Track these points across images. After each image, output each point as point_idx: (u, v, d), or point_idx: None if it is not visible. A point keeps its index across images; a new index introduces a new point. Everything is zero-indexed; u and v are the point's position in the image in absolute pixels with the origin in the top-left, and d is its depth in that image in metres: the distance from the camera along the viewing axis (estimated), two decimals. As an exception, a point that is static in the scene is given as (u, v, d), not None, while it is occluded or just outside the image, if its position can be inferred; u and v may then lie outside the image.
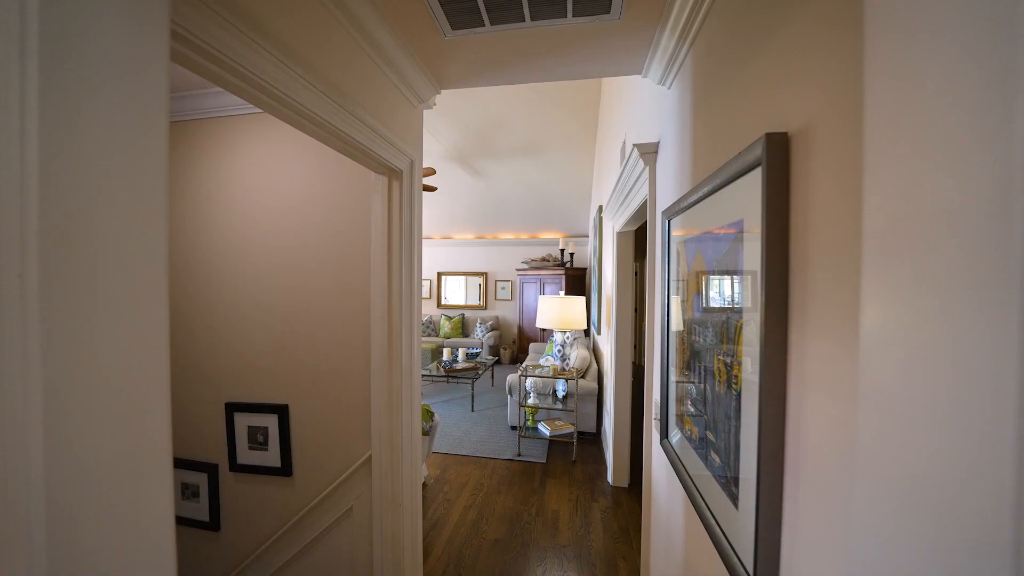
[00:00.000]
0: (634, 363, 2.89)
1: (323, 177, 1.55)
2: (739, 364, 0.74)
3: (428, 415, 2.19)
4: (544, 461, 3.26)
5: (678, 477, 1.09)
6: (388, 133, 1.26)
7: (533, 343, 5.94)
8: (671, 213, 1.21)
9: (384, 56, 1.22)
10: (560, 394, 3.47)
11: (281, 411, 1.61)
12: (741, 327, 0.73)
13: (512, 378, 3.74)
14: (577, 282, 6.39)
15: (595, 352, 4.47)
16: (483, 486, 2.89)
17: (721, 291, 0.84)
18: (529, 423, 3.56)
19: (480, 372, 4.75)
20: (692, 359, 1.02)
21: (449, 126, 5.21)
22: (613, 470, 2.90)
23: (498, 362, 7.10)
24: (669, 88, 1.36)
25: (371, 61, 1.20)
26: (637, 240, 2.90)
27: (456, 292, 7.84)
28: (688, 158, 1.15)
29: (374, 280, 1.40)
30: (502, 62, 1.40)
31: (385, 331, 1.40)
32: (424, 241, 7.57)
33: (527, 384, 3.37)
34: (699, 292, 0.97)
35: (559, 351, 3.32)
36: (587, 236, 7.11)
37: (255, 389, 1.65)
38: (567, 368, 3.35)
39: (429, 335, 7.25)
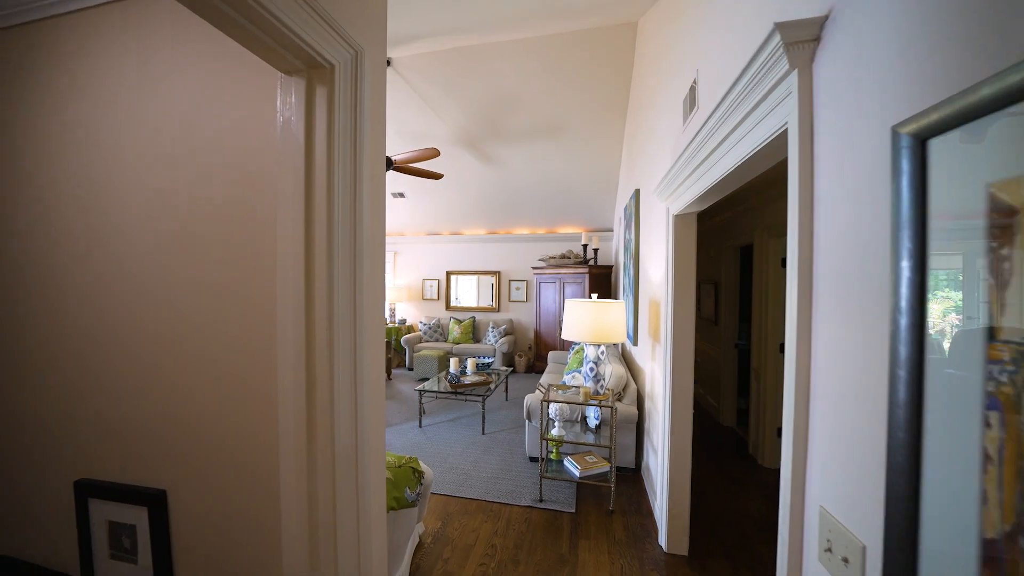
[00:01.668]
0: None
1: (224, 99, 0.89)
2: None
3: (413, 477, 1.50)
4: (573, 511, 2.56)
5: None
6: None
7: (552, 351, 5.24)
8: (938, 125, 0.51)
9: None
10: (593, 423, 2.77)
11: (154, 501, 0.95)
12: None
13: (532, 401, 3.05)
14: (602, 282, 5.66)
15: (630, 367, 3.74)
16: (495, 549, 2.20)
17: None
18: (553, 456, 2.87)
19: (492, 387, 4.07)
20: None
21: (455, 105, 4.55)
22: (667, 531, 2.18)
23: (512, 371, 6.42)
24: None
25: None
26: (701, 227, 2.18)
27: (466, 293, 7.19)
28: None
29: (283, 274, 0.73)
30: None
31: (299, 361, 0.73)
32: (432, 238, 6.95)
33: (551, 411, 2.68)
34: None
35: (592, 369, 2.62)
36: (611, 231, 6.37)
37: (122, 460, 1.00)
38: (602, 391, 2.64)
39: (437, 340, 6.62)
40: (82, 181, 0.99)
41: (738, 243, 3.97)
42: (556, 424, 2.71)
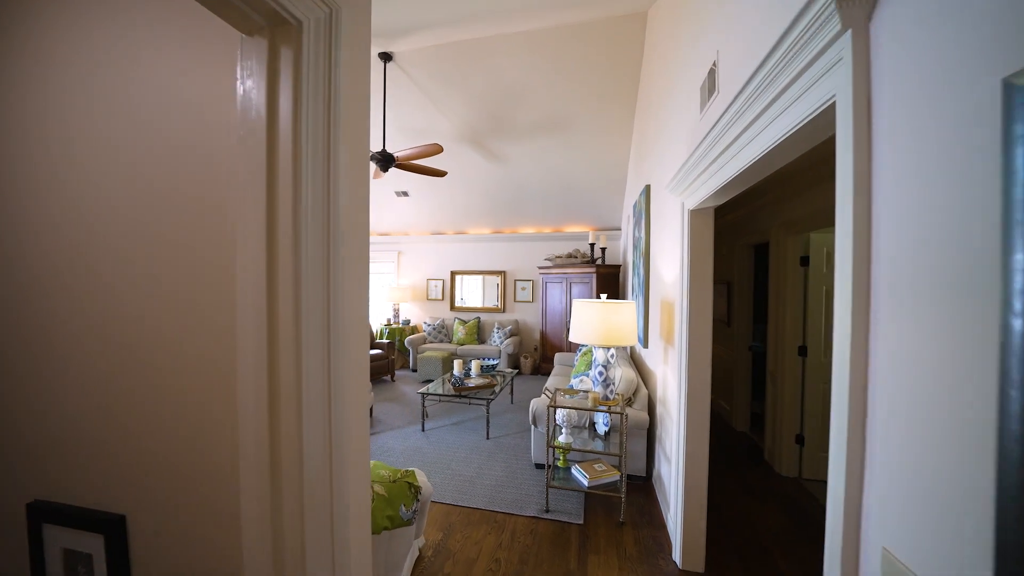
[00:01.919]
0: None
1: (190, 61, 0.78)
2: None
3: (409, 493, 1.37)
4: (581, 522, 2.43)
5: None
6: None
7: (559, 352, 5.11)
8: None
9: None
10: (602, 429, 2.64)
11: (112, 527, 0.85)
12: None
13: (538, 405, 2.93)
14: (610, 282, 5.52)
15: (640, 371, 3.60)
16: (499, 564, 2.08)
17: None
18: (560, 463, 2.74)
19: (497, 390, 3.96)
20: None
21: (459, 100, 4.44)
22: (682, 546, 2.04)
23: (518, 373, 6.30)
24: None
25: None
26: (719, 223, 2.04)
27: (471, 293, 7.08)
28: None
29: (243, 274, 0.62)
30: None
31: (260, 372, 0.62)
32: (436, 237, 6.86)
33: (558, 416, 2.56)
34: None
35: (601, 373, 2.49)
36: (619, 229, 6.22)
37: (79, 481, 0.89)
38: (611, 396, 2.51)
39: (441, 341, 6.51)
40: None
41: (752, 241, 3.81)
42: (563, 430, 2.58)
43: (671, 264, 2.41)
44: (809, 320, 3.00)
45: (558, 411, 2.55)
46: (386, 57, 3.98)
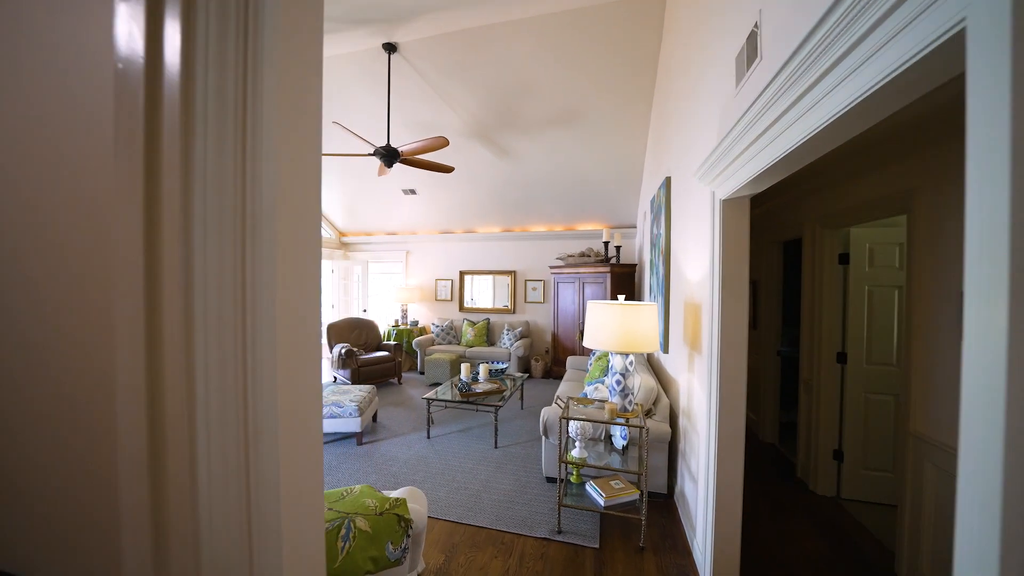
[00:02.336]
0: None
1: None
2: None
3: (399, 528, 1.15)
4: (596, 545, 2.21)
5: None
6: None
7: (571, 356, 4.88)
8: None
9: None
10: (619, 443, 2.41)
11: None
12: None
13: (549, 415, 2.72)
14: (625, 282, 5.27)
15: (659, 377, 3.36)
16: (507, 594, 1.88)
17: None
18: (573, 479, 2.52)
19: (506, 396, 3.75)
20: None
21: (466, 92, 4.25)
22: (713, 579, 1.81)
23: (528, 377, 6.09)
24: None
25: None
26: (755, 214, 1.80)
27: (480, 294, 6.90)
28: None
29: (118, 273, 0.43)
30: None
31: (138, 399, 0.43)
32: (445, 236, 6.70)
33: (570, 429, 2.34)
34: None
35: (619, 382, 2.26)
36: (635, 227, 5.96)
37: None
38: (630, 407, 2.29)
39: (450, 343, 6.34)
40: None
41: (781, 237, 3.53)
42: (576, 443, 2.36)
43: (697, 262, 2.17)
44: (849, 324, 2.72)
45: (571, 423, 2.33)
46: (390, 48, 3.82)
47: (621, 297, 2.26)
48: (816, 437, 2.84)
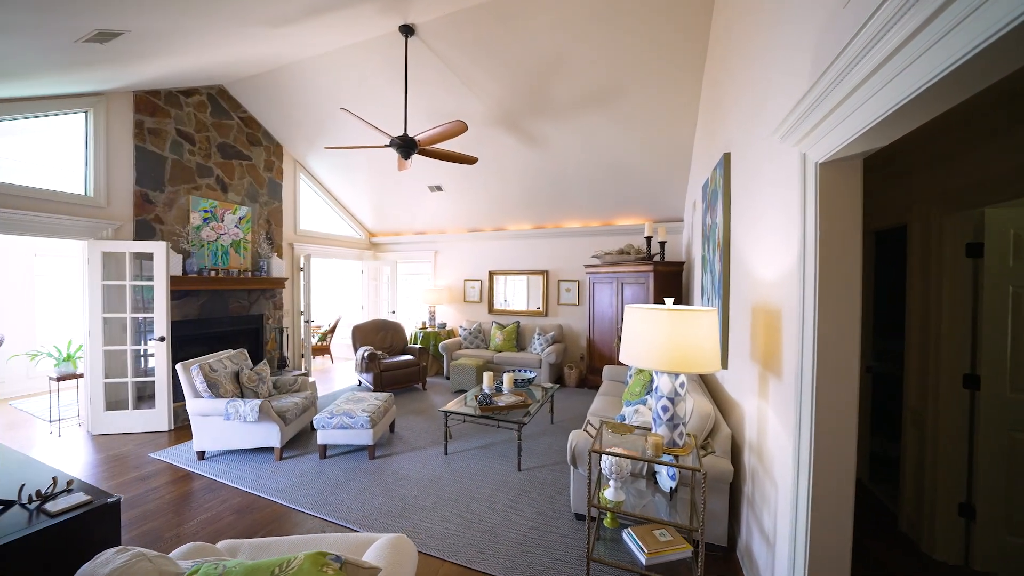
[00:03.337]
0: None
1: None
2: None
3: None
4: (637, 617, 1.73)
5: None
6: None
7: (608, 365, 4.37)
8: None
9: None
10: (666, 483, 1.91)
11: None
12: None
13: (578, 442, 2.27)
14: (670, 282, 4.67)
15: (716, 399, 2.79)
16: None
17: None
18: (607, 522, 2.05)
19: (532, 411, 3.33)
20: None
21: (490, 75, 3.88)
22: None
23: (560, 386, 5.62)
24: None
25: None
26: (869, 180, 1.28)
27: (510, 295, 6.51)
28: None
29: None
30: None
31: None
32: (474, 235, 6.41)
33: (604, 464, 1.88)
34: None
35: (666, 408, 1.77)
36: (681, 221, 5.32)
37: None
38: (680, 441, 1.78)
39: (477, 347, 6.01)
40: None
41: (874, 226, 2.83)
42: (611, 481, 1.89)
43: (774, 255, 1.64)
44: (983, 337, 2.04)
45: (605, 460, 1.87)
46: (407, 31, 3.53)
47: (669, 300, 1.77)
48: (931, 484, 2.17)
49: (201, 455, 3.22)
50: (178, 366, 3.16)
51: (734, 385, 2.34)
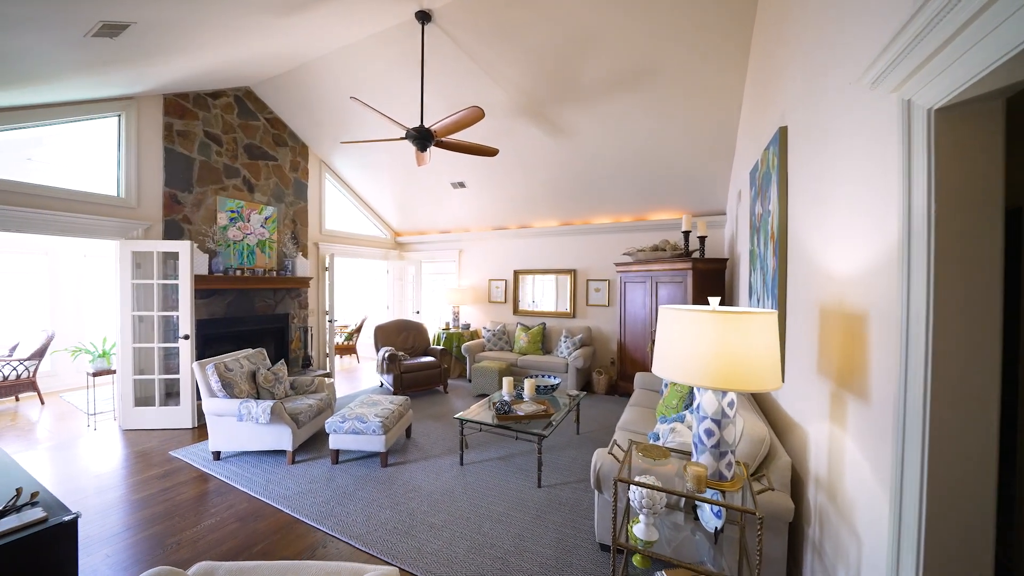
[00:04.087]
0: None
1: None
2: None
3: None
4: None
5: None
6: None
7: (640, 372, 3.99)
8: None
9: None
10: (711, 522, 1.58)
11: None
12: None
13: (603, 465, 1.97)
14: (712, 281, 4.22)
15: (769, 419, 2.39)
16: None
17: None
18: (637, 562, 1.73)
19: (555, 422, 3.04)
20: None
21: (513, 61, 3.64)
22: None
23: (587, 393, 5.29)
24: None
25: None
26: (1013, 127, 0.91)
27: (536, 295, 6.23)
28: None
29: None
30: None
31: None
32: (498, 233, 6.20)
33: (632, 496, 1.57)
34: None
35: (710, 432, 1.45)
36: (723, 214, 4.84)
37: None
38: (728, 472, 1.45)
39: (501, 349, 5.78)
40: None
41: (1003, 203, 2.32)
42: (642, 515, 1.58)
43: (855, 240, 1.28)
44: None
45: (634, 491, 1.56)
46: (424, 17, 3.35)
47: (714, 301, 1.44)
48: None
49: (216, 455, 3.18)
50: (194, 365, 3.14)
51: (792, 402, 1.96)
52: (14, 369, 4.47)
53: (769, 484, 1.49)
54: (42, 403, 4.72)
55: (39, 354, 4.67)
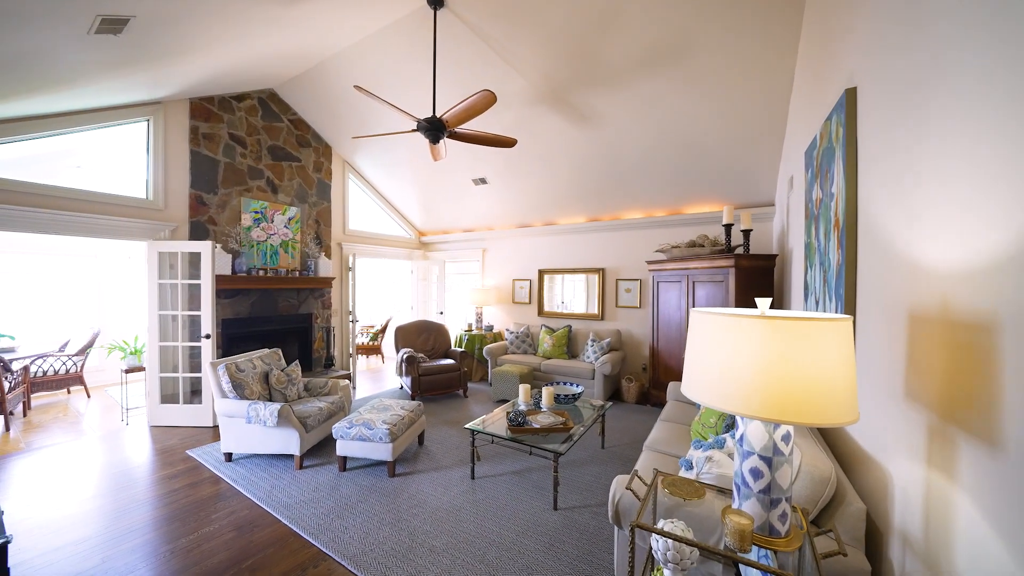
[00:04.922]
0: None
1: None
2: None
3: None
4: None
5: None
6: None
7: (675, 382, 3.60)
8: None
9: None
10: (755, 586, 1.24)
11: None
12: None
13: (623, 499, 1.67)
14: (758, 280, 3.75)
15: (830, 447, 1.97)
16: None
17: None
18: (662, 619, 1.41)
19: (575, 437, 2.74)
20: None
21: (531, 44, 3.37)
22: None
23: (617, 401, 4.91)
24: None
25: None
26: None
27: (562, 296, 5.92)
28: None
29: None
30: None
31: None
32: (523, 231, 5.95)
33: (657, 546, 1.26)
34: None
35: (757, 474, 1.12)
36: (771, 205, 4.32)
37: None
38: (785, 527, 1.11)
39: (524, 352, 5.51)
40: None
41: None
42: (667, 571, 1.27)
43: (968, 219, 0.91)
44: None
45: (659, 543, 1.25)
46: (436, 2, 3.17)
47: (764, 303, 1.11)
48: None
49: (228, 457, 3.14)
50: (207, 364, 3.11)
51: (865, 430, 1.56)
52: (63, 364, 4.74)
53: (840, 548, 1.12)
54: (88, 396, 4.99)
55: (84, 350, 4.93)
